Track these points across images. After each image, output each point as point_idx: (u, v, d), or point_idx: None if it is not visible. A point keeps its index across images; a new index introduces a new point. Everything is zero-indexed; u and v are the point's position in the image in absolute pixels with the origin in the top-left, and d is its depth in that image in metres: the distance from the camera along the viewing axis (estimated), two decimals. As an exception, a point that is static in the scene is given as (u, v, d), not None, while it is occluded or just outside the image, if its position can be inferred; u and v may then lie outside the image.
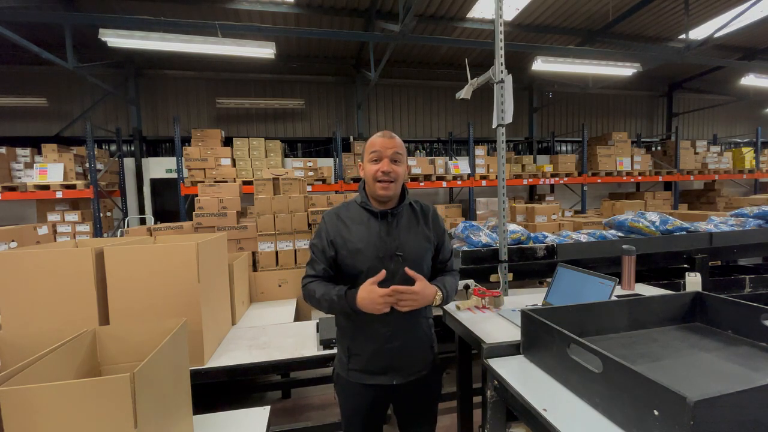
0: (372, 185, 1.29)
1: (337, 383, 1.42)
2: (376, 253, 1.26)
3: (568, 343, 1.04)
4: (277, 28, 5.63)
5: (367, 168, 1.30)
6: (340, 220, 1.33)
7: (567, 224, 5.06)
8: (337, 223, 1.32)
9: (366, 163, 1.31)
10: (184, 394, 1.07)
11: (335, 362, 1.44)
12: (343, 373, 1.36)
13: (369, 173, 1.29)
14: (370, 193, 1.33)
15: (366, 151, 1.31)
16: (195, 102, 7.85)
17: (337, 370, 1.41)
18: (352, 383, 1.34)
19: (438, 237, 1.39)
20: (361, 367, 1.33)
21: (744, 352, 1.15)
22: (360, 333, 1.32)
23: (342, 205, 1.39)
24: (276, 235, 3.24)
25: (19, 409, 0.70)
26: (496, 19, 2.19)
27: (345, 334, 1.37)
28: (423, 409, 1.43)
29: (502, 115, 2.20)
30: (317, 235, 1.35)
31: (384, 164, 1.26)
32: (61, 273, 1.51)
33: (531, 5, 6.11)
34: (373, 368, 1.32)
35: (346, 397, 1.38)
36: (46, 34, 5.92)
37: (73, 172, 5.61)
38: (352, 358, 1.33)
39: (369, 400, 1.34)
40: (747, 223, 3.01)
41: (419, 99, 8.84)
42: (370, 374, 1.32)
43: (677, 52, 6.35)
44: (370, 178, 1.29)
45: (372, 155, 1.28)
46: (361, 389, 1.33)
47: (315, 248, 1.34)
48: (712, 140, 9.80)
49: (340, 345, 1.40)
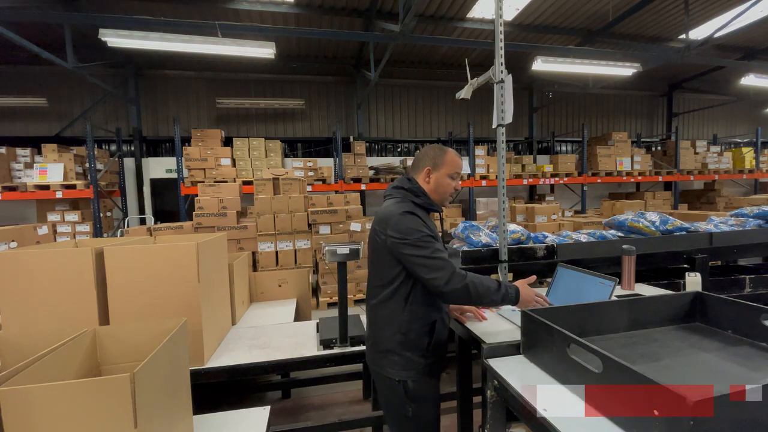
0: (444, 196, 1.46)
1: (417, 391, 1.35)
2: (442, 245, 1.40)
3: (568, 343, 1.04)
4: (277, 28, 5.64)
5: (444, 181, 1.43)
6: (424, 214, 1.42)
7: (567, 224, 5.06)
8: (425, 217, 1.40)
9: (444, 177, 1.43)
10: (184, 394, 1.07)
11: (400, 373, 1.35)
12: (423, 373, 1.36)
13: (447, 186, 1.44)
14: (436, 200, 1.45)
15: (448, 166, 1.43)
16: (195, 102, 7.85)
17: (412, 379, 1.34)
18: (435, 380, 1.42)
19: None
20: (438, 357, 1.41)
21: (744, 352, 1.15)
22: (439, 324, 1.40)
23: (408, 206, 1.38)
24: (276, 235, 3.24)
25: (19, 409, 0.70)
26: (496, 19, 2.19)
27: (423, 332, 1.36)
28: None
29: (502, 115, 2.20)
30: (423, 225, 1.33)
31: (458, 183, 1.47)
32: (61, 273, 1.51)
33: (531, 5, 6.11)
34: (443, 357, 1.45)
35: (431, 397, 1.41)
36: (46, 34, 5.92)
37: (73, 172, 5.61)
38: (432, 351, 1.38)
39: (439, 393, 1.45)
40: (747, 223, 3.00)
41: (419, 99, 8.84)
42: (441, 363, 1.45)
43: (677, 52, 6.35)
44: (445, 190, 1.44)
45: (455, 173, 1.44)
46: (437, 383, 1.44)
47: (433, 239, 1.33)
48: (712, 140, 9.81)
49: (414, 346, 1.35)
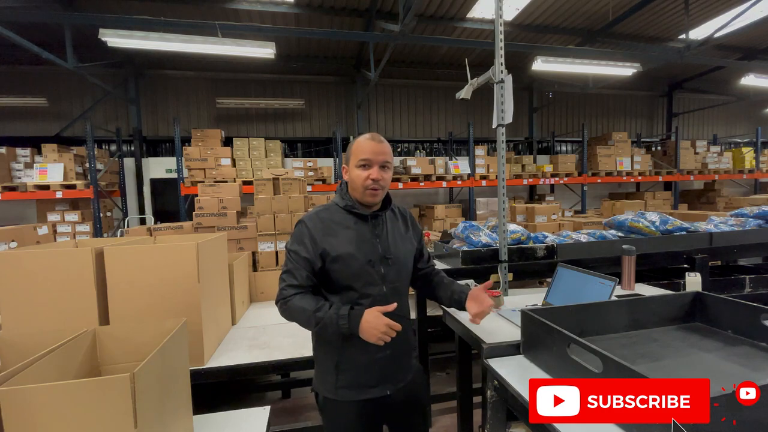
0: (360, 191, 1.24)
1: (324, 409, 1.28)
2: (366, 257, 1.22)
3: (568, 343, 1.04)
4: (277, 28, 5.64)
5: (354, 173, 1.24)
6: (324, 224, 1.24)
7: (567, 224, 5.06)
8: (322, 227, 1.23)
9: (353, 168, 1.24)
10: (184, 394, 1.07)
11: (316, 385, 1.30)
12: (330, 394, 1.24)
13: (358, 179, 1.23)
14: (356, 197, 1.27)
15: (353, 155, 1.24)
16: (195, 102, 7.85)
17: (322, 394, 1.27)
18: (341, 403, 1.23)
19: (418, 240, 1.43)
20: (351, 382, 1.23)
21: (744, 352, 1.15)
22: (350, 346, 1.20)
23: (322, 209, 1.29)
24: (276, 235, 3.24)
25: (19, 409, 0.70)
26: (496, 19, 2.19)
27: (330, 350, 1.24)
28: (415, 415, 1.37)
29: (502, 115, 2.20)
30: (297, 240, 1.23)
31: (374, 172, 1.21)
32: (61, 273, 1.51)
33: (531, 5, 6.10)
34: (365, 381, 1.23)
35: (336, 421, 1.26)
36: (46, 34, 5.92)
37: (73, 172, 5.61)
38: (342, 374, 1.23)
39: (362, 419, 1.24)
40: (747, 223, 3.00)
41: (419, 99, 8.84)
42: (362, 388, 1.23)
43: (677, 52, 6.35)
44: (358, 183, 1.23)
45: (361, 161, 1.22)
46: (353, 407, 1.23)
47: (296, 255, 1.21)
48: (712, 140, 9.80)
49: (324, 363, 1.27)
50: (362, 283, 1.22)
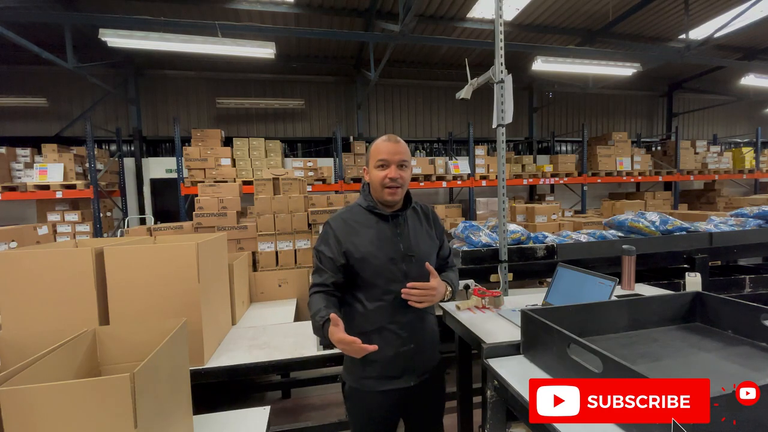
0: (379, 191, 1.29)
1: (349, 397, 1.35)
2: (389, 256, 1.27)
3: (568, 343, 1.04)
4: (277, 28, 5.64)
5: (373, 174, 1.30)
6: (347, 225, 1.30)
7: (567, 224, 5.06)
8: (345, 228, 1.30)
9: (372, 169, 1.30)
10: (184, 394, 1.07)
11: (344, 375, 1.38)
12: (356, 383, 1.32)
13: (376, 179, 1.28)
14: (377, 197, 1.32)
15: (372, 157, 1.30)
16: (195, 102, 7.85)
17: (348, 383, 1.35)
18: (366, 393, 1.30)
19: (439, 236, 1.45)
20: (377, 373, 1.29)
21: (744, 352, 1.15)
22: (376, 338, 1.25)
23: (345, 210, 1.37)
24: (276, 235, 3.24)
25: (19, 409, 0.70)
26: (496, 19, 2.19)
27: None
28: (434, 407, 1.43)
29: (502, 115, 2.20)
30: (323, 241, 1.31)
31: (392, 171, 1.26)
32: (61, 273, 1.51)
33: (531, 5, 6.10)
34: (390, 372, 1.29)
35: (361, 409, 1.33)
36: (46, 34, 5.92)
37: (73, 172, 5.61)
38: (368, 366, 1.29)
39: (384, 408, 1.31)
40: (747, 223, 3.00)
41: (419, 99, 8.84)
42: (387, 379, 1.29)
43: (677, 52, 6.35)
44: (377, 183, 1.29)
45: (379, 162, 1.28)
46: (377, 397, 1.30)
47: (322, 255, 1.29)
48: (712, 140, 9.79)
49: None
50: (385, 280, 1.27)
